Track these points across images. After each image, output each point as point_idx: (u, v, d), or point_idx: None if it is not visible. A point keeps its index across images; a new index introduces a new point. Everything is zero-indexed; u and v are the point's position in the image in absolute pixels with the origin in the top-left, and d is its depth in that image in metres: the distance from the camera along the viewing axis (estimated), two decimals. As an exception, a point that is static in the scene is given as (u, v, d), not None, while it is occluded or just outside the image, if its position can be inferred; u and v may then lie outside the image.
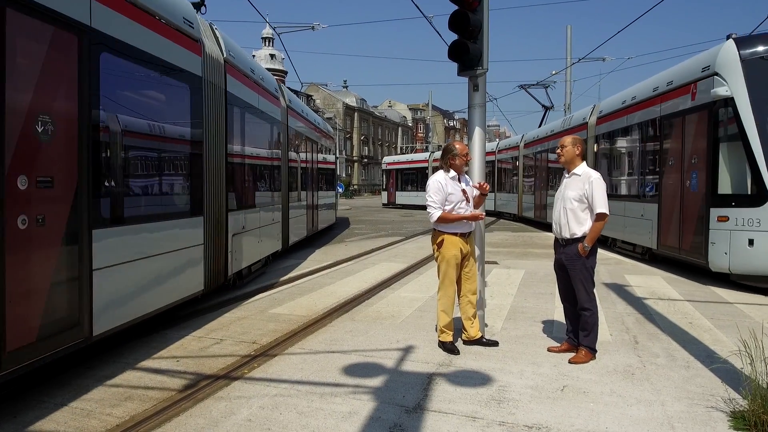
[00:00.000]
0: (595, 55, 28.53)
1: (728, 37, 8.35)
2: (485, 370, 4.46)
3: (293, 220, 11.66)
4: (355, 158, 77.24)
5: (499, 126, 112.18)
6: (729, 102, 7.90)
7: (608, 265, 10.04)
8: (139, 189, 5.08)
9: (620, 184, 12.58)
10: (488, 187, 5.19)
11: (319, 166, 14.60)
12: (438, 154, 30.67)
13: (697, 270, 8.94)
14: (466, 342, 5.11)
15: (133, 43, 4.73)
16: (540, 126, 23.19)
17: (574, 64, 27.99)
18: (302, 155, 12.98)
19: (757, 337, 3.67)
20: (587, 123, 14.54)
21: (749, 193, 7.68)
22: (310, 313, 6.44)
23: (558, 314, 5.98)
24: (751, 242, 7.61)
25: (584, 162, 4.87)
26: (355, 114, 78.09)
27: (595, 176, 4.71)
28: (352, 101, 77.62)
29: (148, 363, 4.70)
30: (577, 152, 4.81)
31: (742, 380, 3.67)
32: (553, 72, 32.39)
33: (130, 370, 4.50)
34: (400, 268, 9.73)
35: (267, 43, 63.63)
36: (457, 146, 5.03)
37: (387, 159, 40.48)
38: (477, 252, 5.23)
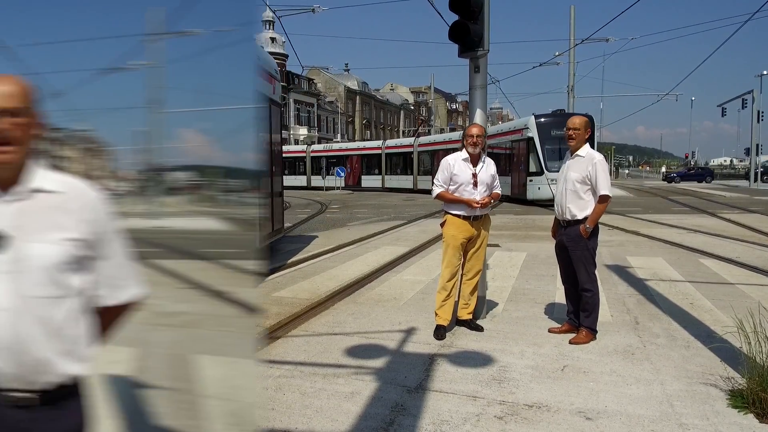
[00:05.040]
0: (599, 35, 28.17)
1: (533, 114, 23.37)
2: (486, 350, 4.50)
3: None
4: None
5: (501, 108, 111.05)
6: (531, 139, 22.82)
7: (610, 247, 10.05)
8: None
9: (504, 168, 26.05)
10: (486, 200, 4.86)
11: None
12: (317, 146, 46.78)
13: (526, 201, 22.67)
14: (457, 323, 5.14)
15: None
16: (414, 136, 41.89)
17: (577, 45, 27.75)
18: None
19: (755, 316, 3.68)
20: None
21: (537, 171, 22.52)
22: (312, 296, 6.48)
23: (559, 296, 6.00)
24: (539, 188, 22.09)
25: (588, 144, 4.80)
26: (357, 97, 77.65)
27: (599, 158, 4.63)
28: (353, 84, 77.10)
29: (152, 346, 4.75)
30: (587, 136, 4.77)
31: (740, 359, 3.70)
32: (557, 53, 32.16)
33: (135, 353, 4.55)
34: (403, 252, 9.76)
35: (267, 26, 63.03)
36: (473, 129, 4.94)
37: None
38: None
